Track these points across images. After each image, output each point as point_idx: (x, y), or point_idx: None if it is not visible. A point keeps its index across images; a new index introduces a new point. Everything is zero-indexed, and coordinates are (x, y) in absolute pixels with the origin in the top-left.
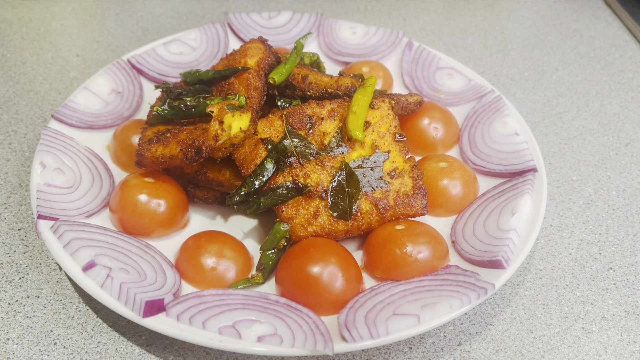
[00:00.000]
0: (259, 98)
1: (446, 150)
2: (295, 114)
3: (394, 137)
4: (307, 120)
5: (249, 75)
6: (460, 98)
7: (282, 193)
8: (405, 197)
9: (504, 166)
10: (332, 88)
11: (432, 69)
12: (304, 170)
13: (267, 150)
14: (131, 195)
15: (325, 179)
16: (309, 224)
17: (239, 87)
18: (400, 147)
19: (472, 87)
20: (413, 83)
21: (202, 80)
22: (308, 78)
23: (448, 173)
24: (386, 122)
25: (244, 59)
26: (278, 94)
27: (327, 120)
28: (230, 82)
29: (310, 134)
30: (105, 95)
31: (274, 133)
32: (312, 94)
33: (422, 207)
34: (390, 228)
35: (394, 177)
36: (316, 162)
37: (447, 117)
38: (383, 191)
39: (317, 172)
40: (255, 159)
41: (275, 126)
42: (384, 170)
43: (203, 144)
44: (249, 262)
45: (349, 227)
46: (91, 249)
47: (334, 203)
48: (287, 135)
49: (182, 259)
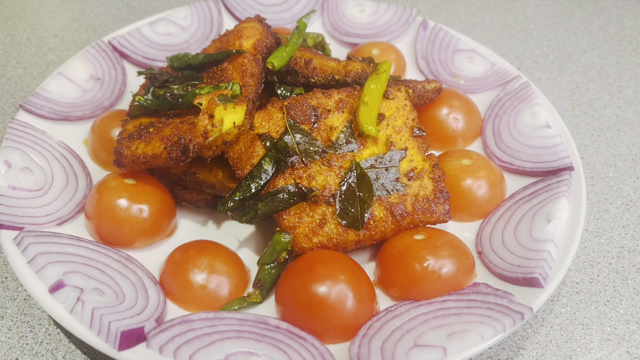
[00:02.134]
0: (256, 86)
1: (467, 144)
2: (297, 105)
3: (412, 132)
4: (312, 113)
5: (245, 60)
6: (482, 84)
7: (282, 198)
8: (425, 201)
9: (534, 163)
10: (339, 74)
11: (450, 51)
12: (308, 171)
13: (266, 148)
14: (109, 199)
15: (332, 181)
16: (314, 234)
17: (233, 74)
18: (418, 143)
19: (495, 72)
20: (429, 67)
21: (192, 65)
22: (312, 63)
23: (472, 172)
24: (403, 115)
25: (238, 41)
26: (278, 80)
27: (334, 112)
28: (222, 67)
29: (315, 129)
30: (82, 82)
31: (274, 127)
32: (316, 81)
33: (444, 214)
34: (408, 238)
35: (412, 179)
36: (322, 162)
37: (468, 107)
38: (399, 195)
39: (323, 173)
40: (252, 158)
41: (274, 119)
42: (401, 171)
43: (190, 142)
44: (244, 277)
45: (360, 237)
46: (60, 266)
47: (343, 210)
48: (289, 131)
49: (168, 274)
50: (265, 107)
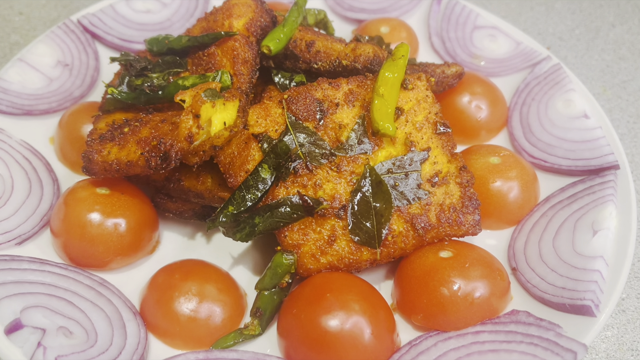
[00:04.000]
0: (250, 75)
1: (491, 136)
2: (299, 98)
3: (435, 129)
4: (317, 108)
5: (236, 44)
6: (506, 66)
7: (284, 212)
8: (451, 211)
9: (572, 161)
10: (347, 59)
11: (469, 28)
12: (313, 178)
13: (263, 151)
14: (79, 213)
15: (343, 190)
16: (322, 254)
17: (222, 60)
18: (443, 141)
19: (521, 52)
20: (444, 47)
21: (174, 49)
22: (315, 45)
23: (501, 171)
24: (424, 108)
25: (228, 21)
26: (274, 66)
27: (343, 106)
28: (210, 52)
29: (322, 127)
30: (48, 69)
31: (272, 126)
32: (320, 66)
33: (473, 225)
34: (432, 256)
35: (436, 185)
36: (330, 167)
37: (492, 93)
38: (422, 204)
39: (331, 180)
40: (246, 163)
41: (272, 116)
42: (423, 176)
43: (172, 148)
44: (240, 304)
45: (376, 256)
46: (18, 300)
47: (356, 224)
48: (290, 130)
49: (151, 302)
50: (261, 99)
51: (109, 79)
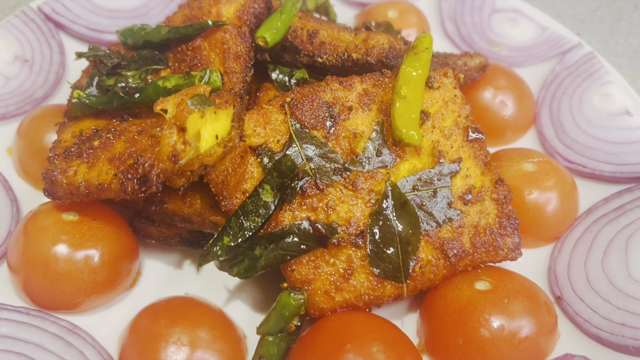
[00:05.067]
0: (243, 73)
1: (518, 136)
2: (305, 102)
3: (466, 135)
4: (326, 112)
5: (226, 35)
6: (530, 55)
7: (291, 244)
8: (488, 233)
9: (616, 166)
10: (358, 52)
11: (486, 11)
12: (325, 199)
13: (263, 168)
14: (42, 244)
15: (360, 212)
16: (337, 290)
17: (210, 55)
18: (475, 150)
19: (547, 39)
20: (459, 33)
21: (151, 42)
22: (319, 35)
23: (537, 180)
24: (452, 110)
25: (215, 8)
26: (271, 60)
27: (357, 110)
28: (195, 46)
29: (333, 136)
30: (4, 65)
31: (273, 136)
32: (326, 60)
33: (513, 249)
34: (467, 288)
35: (469, 203)
36: (345, 185)
37: (518, 86)
38: (454, 227)
39: (346, 201)
40: (243, 182)
41: (273, 123)
42: (454, 192)
43: (152, 169)
44: (239, 350)
45: (402, 291)
46: None
47: (378, 254)
48: (295, 140)
49: (132, 354)
50: (256, 99)
51: (77, 76)
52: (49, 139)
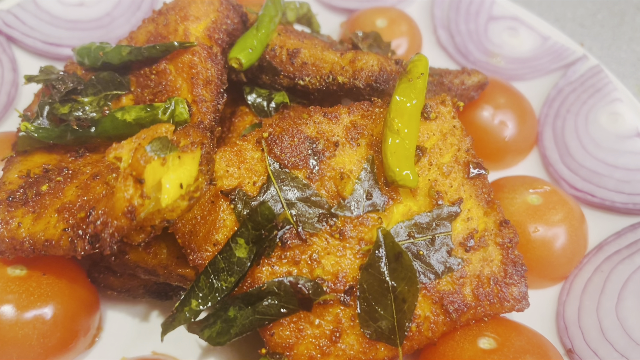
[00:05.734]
0: (215, 101)
1: (519, 158)
2: (284, 137)
3: (467, 172)
4: (309, 149)
5: (194, 58)
6: (530, 68)
7: (270, 306)
8: (492, 283)
9: (628, 196)
10: (344, 74)
11: (483, 19)
12: (308, 250)
13: (237, 215)
14: None
15: (349, 266)
16: (324, 355)
17: (177, 81)
18: (477, 188)
19: (549, 50)
20: (453, 42)
21: (111, 64)
22: (300, 55)
23: (544, 215)
24: (451, 144)
25: (183, 25)
26: (247, 80)
27: (344, 146)
28: (160, 69)
29: (317, 176)
30: None
31: (248, 177)
32: (308, 83)
33: (520, 299)
34: (469, 347)
35: (471, 249)
36: (331, 234)
37: (518, 104)
38: (454, 278)
39: (333, 252)
40: (214, 232)
41: (248, 162)
42: (455, 238)
43: (106, 227)
44: None
45: (397, 352)
46: None
47: (369, 313)
48: (273, 183)
49: None
50: (231, 127)
51: (32, 97)
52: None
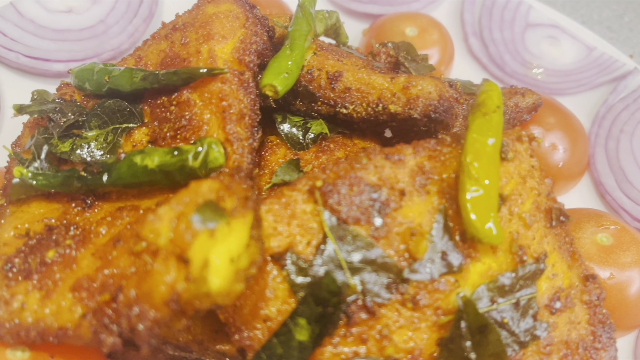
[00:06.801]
0: (251, 139)
1: (571, 184)
2: (342, 185)
3: (549, 220)
4: (371, 200)
5: (225, 87)
6: (575, 82)
7: None
8: (581, 349)
9: None
10: (396, 103)
11: (519, 26)
12: (377, 324)
13: (290, 284)
14: None
15: (424, 339)
16: None
17: (203, 114)
18: (560, 238)
19: (595, 62)
20: (487, 52)
21: (119, 91)
22: (342, 79)
23: (616, 257)
24: (531, 188)
25: (207, 46)
26: (277, 106)
27: (412, 195)
28: (182, 100)
29: (382, 233)
30: None
31: (300, 234)
32: (352, 112)
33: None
34: None
35: (557, 312)
36: (402, 303)
37: (569, 124)
38: (540, 348)
39: (406, 325)
40: (263, 306)
41: (299, 217)
42: (539, 299)
43: (142, 320)
44: None
45: None
46: None
47: None
48: (332, 241)
49: None
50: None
51: (15, 120)
52: None
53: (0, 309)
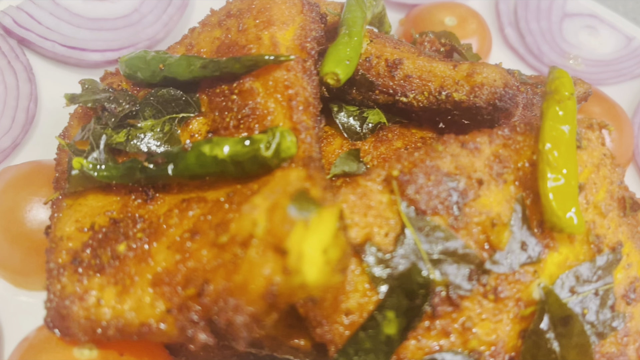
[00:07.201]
0: (316, 127)
1: None
2: (419, 174)
3: (623, 209)
4: (449, 188)
5: (290, 75)
6: (615, 72)
7: None
8: None
9: None
10: (460, 91)
11: (556, 16)
12: (460, 317)
13: (370, 277)
14: None
15: (506, 331)
16: None
17: (267, 103)
18: (631, 227)
19: (635, 52)
20: (524, 42)
21: (175, 80)
22: (402, 66)
23: None
24: (604, 177)
25: (267, 32)
26: (330, 95)
27: (490, 184)
28: (244, 88)
29: (461, 223)
30: None
31: (377, 225)
32: (413, 100)
33: None
34: None
35: (632, 302)
36: (483, 294)
37: (614, 113)
38: (618, 339)
39: (488, 318)
40: (344, 299)
41: (376, 208)
42: (616, 290)
43: (237, 314)
44: None
45: None
46: None
47: None
48: (412, 232)
49: None
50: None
51: (53, 110)
52: (34, 217)
53: (74, 304)
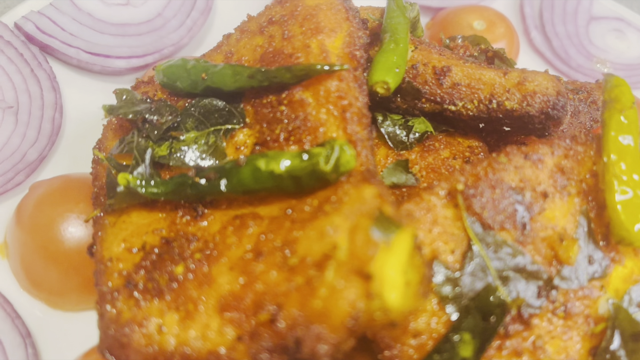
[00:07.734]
0: (370, 139)
1: None
2: (484, 188)
3: None
4: (515, 202)
5: (342, 84)
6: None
7: None
8: None
9: None
10: (511, 99)
11: (583, 19)
12: (531, 335)
13: (440, 298)
14: None
15: (577, 350)
16: None
17: (319, 114)
18: None
19: None
20: (550, 46)
21: (218, 90)
22: (451, 74)
23: None
24: None
25: (316, 40)
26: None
27: (555, 197)
28: (294, 99)
29: (528, 238)
30: None
31: (443, 241)
32: (462, 109)
33: None
34: None
35: None
36: (553, 312)
37: None
38: None
39: (558, 335)
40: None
41: (441, 224)
42: None
43: (319, 342)
44: None
45: None
46: None
47: None
48: (480, 249)
49: None
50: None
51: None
52: (71, 234)
53: (134, 332)
